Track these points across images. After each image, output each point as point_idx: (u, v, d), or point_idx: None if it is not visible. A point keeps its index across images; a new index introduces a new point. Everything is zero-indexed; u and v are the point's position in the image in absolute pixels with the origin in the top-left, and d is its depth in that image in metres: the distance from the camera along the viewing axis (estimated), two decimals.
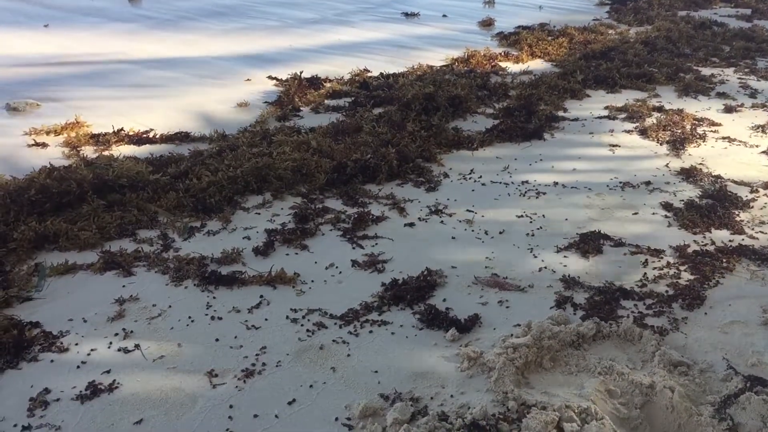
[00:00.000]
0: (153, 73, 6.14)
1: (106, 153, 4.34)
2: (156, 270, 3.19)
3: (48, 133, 4.59)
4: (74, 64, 6.17)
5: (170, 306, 2.92)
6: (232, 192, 3.91)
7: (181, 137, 4.70)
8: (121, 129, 4.64)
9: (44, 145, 4.47)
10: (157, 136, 4.67)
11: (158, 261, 3.25)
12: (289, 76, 5.98)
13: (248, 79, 6.04)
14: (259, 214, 3.80)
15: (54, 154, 4.35)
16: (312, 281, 3.16)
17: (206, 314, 2.87)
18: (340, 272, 3.25)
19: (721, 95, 6.02)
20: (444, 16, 8.98)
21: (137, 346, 2.64)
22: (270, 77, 6.12)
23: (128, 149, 4.49)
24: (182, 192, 3.81)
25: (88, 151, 4.40)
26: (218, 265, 3.24)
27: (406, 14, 8.95)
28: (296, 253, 3.41)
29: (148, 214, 3.62)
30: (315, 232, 3.61)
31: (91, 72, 6.03)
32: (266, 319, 2.85)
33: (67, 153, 4.34)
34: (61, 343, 2.65)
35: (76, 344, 2.65)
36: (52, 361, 2.56)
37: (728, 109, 5.67)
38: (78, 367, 2.53)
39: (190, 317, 2.84)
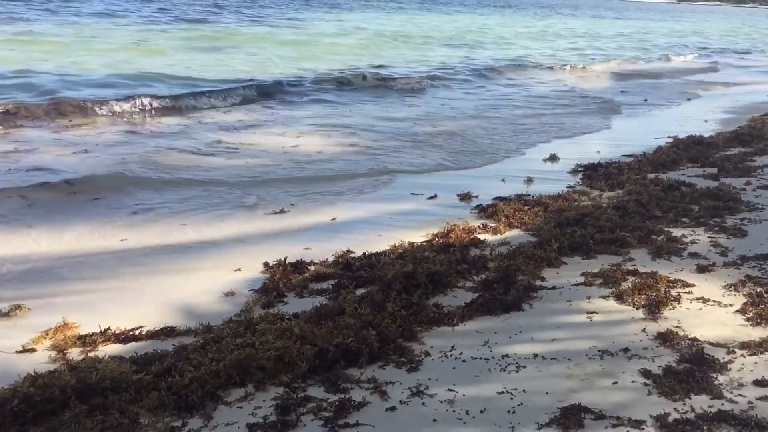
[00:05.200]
0: (142, 263, 6.35)
1: (92, 354, 4.42)
2: None
3: (36, 340, 4.69)
4: (64, 259, 6.39)
5: None
6: (214, 386, 3.96)
7: (167, 332, 4.80)
8: (108, 328, 4.75)
9: (32, 350, 4.56)
10: (144, 333, 4.77)
11: None
12: (275, 262, 6.19)
13: (238, 270, 6.21)
14: (241, 408, 3.83)
15: (41, 358, 4.43)
16: None
17: None
18: None
19: (693, 255, 6.21)
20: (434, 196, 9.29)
21: None
22: (256, 263, 6.32)
23: (114, 348, 4.57)
24: (165, 390, 3.86)
25: (75, 353, 4.48)
26: None
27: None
28: None
29: (130, 416, 3.65)
30: (296, 424, 3.63)
31: (81, 267, 6.23)
32: None
33: (53, 357, 4.43)
34: None
35: None
36: None
37: (701, 269, 5.83)
38: None
39: None
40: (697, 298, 5.23)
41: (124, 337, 4.71)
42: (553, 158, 11.13)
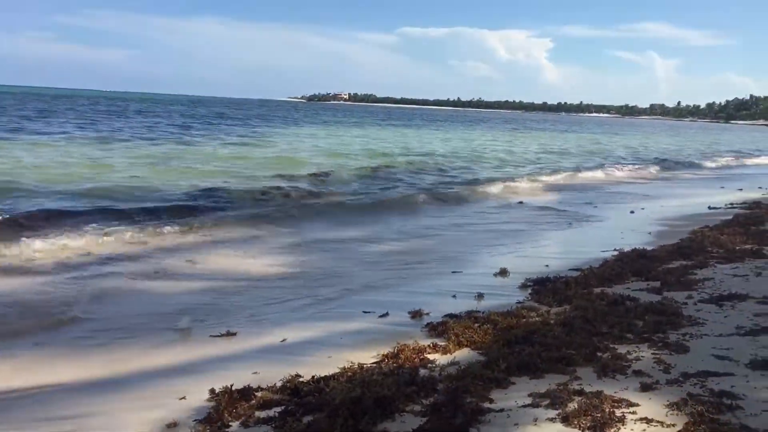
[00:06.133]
0: (83, 400, 6.17)
1: None
2: None
3: None
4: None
5: None
6: None
7: None
8: None
9: None
10: None
11: None
12: (221, 389, 6.09)
13: (183, 398, 6.09)
14: None
15: None
16: None
17: None
18: None
19: (637, 373, 6.28)
20: (386, 314, 9.30)
21: None
22: (202, 390, 6.20)
23: None
24: None
25: None
26: None
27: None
28: None
29: None
30: None
31: (11, 407, 6.03)
32: None
33: None
34: None
35: None
36: None
37: (644, 388, 5.90)
38: None
39: None
40: (641, 419, 5.27)
41: None
42: (504, 272, 11.32)
